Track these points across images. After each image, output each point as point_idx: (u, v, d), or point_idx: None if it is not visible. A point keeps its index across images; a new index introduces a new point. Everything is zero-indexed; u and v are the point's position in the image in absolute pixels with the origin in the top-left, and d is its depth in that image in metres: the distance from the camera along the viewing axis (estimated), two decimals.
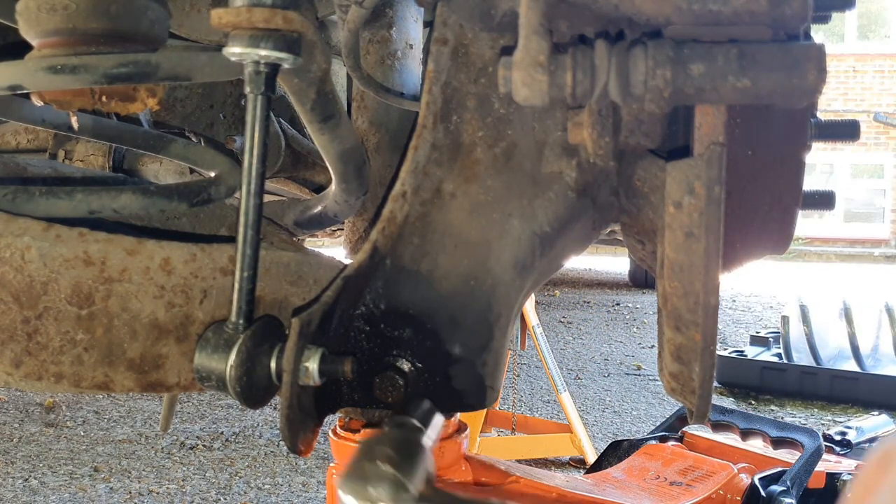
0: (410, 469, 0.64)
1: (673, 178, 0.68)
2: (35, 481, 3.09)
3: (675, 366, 0.78)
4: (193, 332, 0.84)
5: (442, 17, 0.81)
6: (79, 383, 0.82)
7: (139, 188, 1.05)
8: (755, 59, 0.62)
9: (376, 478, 0.62)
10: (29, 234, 0.81)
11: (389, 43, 1.35)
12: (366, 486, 0.62)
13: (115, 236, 0.83)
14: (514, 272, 0.83)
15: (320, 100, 0.86)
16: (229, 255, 0.86)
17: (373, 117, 1.41)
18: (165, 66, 0.82)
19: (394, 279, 0.83)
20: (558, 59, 0.63)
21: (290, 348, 0.70)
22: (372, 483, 0.62)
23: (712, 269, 0.69)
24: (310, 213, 1.28)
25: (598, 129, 0.74)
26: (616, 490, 1.65)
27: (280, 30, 0.70)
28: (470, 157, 0.82)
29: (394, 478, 0.62)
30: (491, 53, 0.81)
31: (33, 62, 0.83)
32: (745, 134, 0.78)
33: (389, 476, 0.62)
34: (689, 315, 0.71)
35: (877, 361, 4.62)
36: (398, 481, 0.62)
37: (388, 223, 0.82)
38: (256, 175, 0.72)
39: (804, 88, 0.62)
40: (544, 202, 0.83)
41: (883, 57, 15.99)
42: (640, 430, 3.84)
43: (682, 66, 0.62)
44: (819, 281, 9.81)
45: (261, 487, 3.09)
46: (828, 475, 1.98)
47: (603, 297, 8.59)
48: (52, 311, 0.81)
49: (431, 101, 0.81)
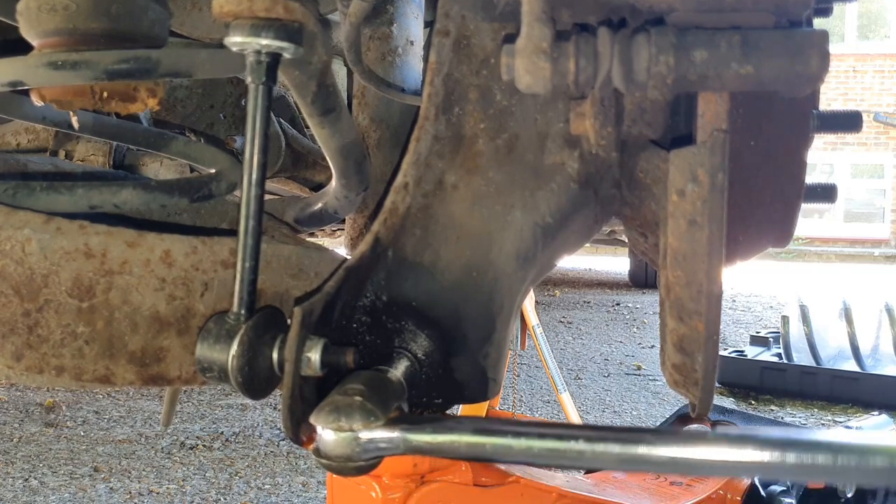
0: (379, 398, 0.69)
1: (676, 165, 0.68)
2: (35, 481, 3.08)
3: (678, 357, 0.78)
4: (194, 324, 0.84)
5: (444, 9, 0.81)
6: (80, 376, 0.82)
7: (140, 183, 1.05)
8: (758, 46, 0.61)
9: (347, 407, 0.67)
10: (29, 226, 0.81)
11: (390, 39, 1.35)
12: (339, 416, 0.67)
13: (116, 229, 0.83)
14: (517, 264, 0.83)
15: (321, 93, 0.85)
16: (230, 247, 0.85)
17: (374, 114, 1.41)
18: (166, 62, 0.82)
19: (396, 271, 0.83)
20: (561, 46, 0.62)
21: (292, 338, 0.70)
22: (344, 412, 0.67)
23: (715, 257, 0.68)
24: (310, 210, 1.28)
25: (601, 119, 0.74)
26: (616, 490, 1.65)
27: (281, 19, 0.70)
28: (472, 148, 0.82)
29: (362, 405, 0.67)
30: (493, 45, 0.81)
31: (34, 58, 0.83)
32: (748, 124, 0.78)
33: (358, 404, 0.67)
34: (692, 304, 0.71)
35: (877, 361, 4.61)
36: (367, 408, 0.67)
37: (391, 214, 0.81)
38: (258, 165, 0.72)
39: (807, 75, 0.62)
40: (546, 193, 0.83)
41: (883, 57, 16.01)
42: None
43: (685, 52, 0.61)
44: (819, 281, 9.81)
45: (261, 487, 3.09)
46: None
47: (603, 297, 8.59)
48: (53, 303, 0.80)
49: (433, 92, 0.81)
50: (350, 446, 0.66)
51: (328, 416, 0.67)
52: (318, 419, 0.67)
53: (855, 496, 2.00)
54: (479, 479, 1.23)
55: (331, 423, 0.66)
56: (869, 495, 2.07)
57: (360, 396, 0.68)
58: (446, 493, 1.18)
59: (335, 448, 0.66)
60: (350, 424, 0.66)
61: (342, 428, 0.66)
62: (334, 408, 0.67)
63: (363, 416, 0.66)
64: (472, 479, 1.22)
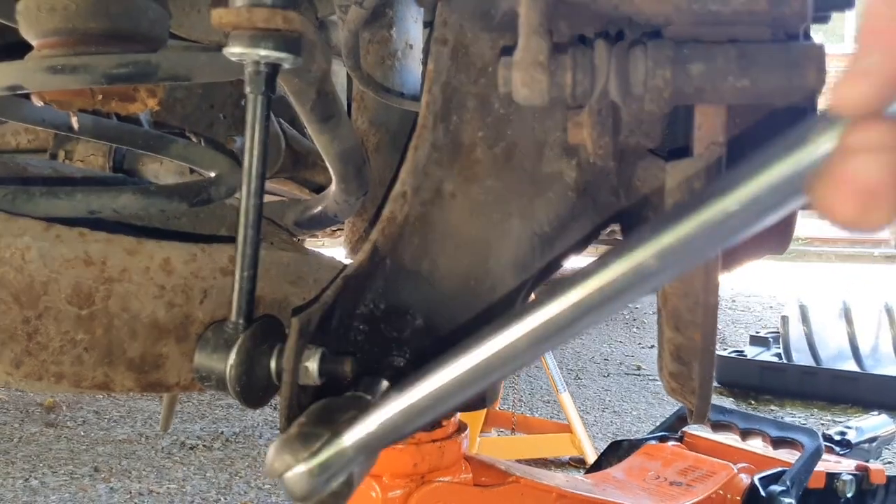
0: (326, 418, 0.61)
1: (673, 177, 0.68)
2: (35, 481, 3.09)
3: (675, 366, 0.79)
4: (193, 331, 0.84)
5: (442, 17, 0.81)
6: (79, 383, 0.83)
7: (139, 188, 1.05)
8: (755, 59, 0.62)
9: (287, 442, 0.59)
10: (29, 234, 0.81)
11: (389, 43, 1.35)
12: (282, 454, 0.59)
13: (116, 236, 0.83)
14: (515, 272, 0.83)
15: (320, 100, 0.86)
16: (229, 255, 0.86)
17: (373, 117, 1.41)
18: (165, 66, 0.82)
19: (394, 279, 0.83)
20: (558, 59, 0.63)
21: (289, 348, 0.70)
22: (286, 448, 0.59)
23: (712, 269, 0.69)
24: (310, 213, 1.28)
25: (598, 129, 0.74)
26: (616, 490, 1.65)
27: (280, 30, 0.70)
28: (470, 157, 0.83)
29: (299, 433, 0.60)
30: (491, 53, 0.81)
31: (33, 62, 0.83)
32: (746, 133, 0.79)
33: (295, 434, 0.60)
34: (689, 315, 0.71)
35: (877, 361, 4.61)
36: (305, 433, 0.59)
37: (389, 223, 0.82)
38: (256, 175, 0.72)
39: (804, 88, 0.62)
40: (544, 202, 0.83)
41: None
42: (640, 430, 3.84)
43: (681, 66, 0.62)
44: (819, 281, 9.81)
45: (261, 487, 3.09)
46: (827, 475, 1.98)
47: None
48: (53, 311, 0.81)
49: (431, 101, 0.81)
50: (308, 478, 0.58)
51: (275, 462, 0.59)
52: (270, 471, 0.60)
53: (855, 496, 2.01)
54: (479, 479, 1.23)
55: (281, 467, 0.59)
56: (868, 495, 2.08)
57: (297, 427, 0.61)
58: (446, 492, 1.18)
59: (295, 487, 0.59)
60: (294, 456, 0.58)
61: (289, 464, 0.58)
62: (278, 450, 0.60)
63: (303, 441, 0.59)
64: (472, 479, 1.22)
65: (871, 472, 2.07)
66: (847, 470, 2.04)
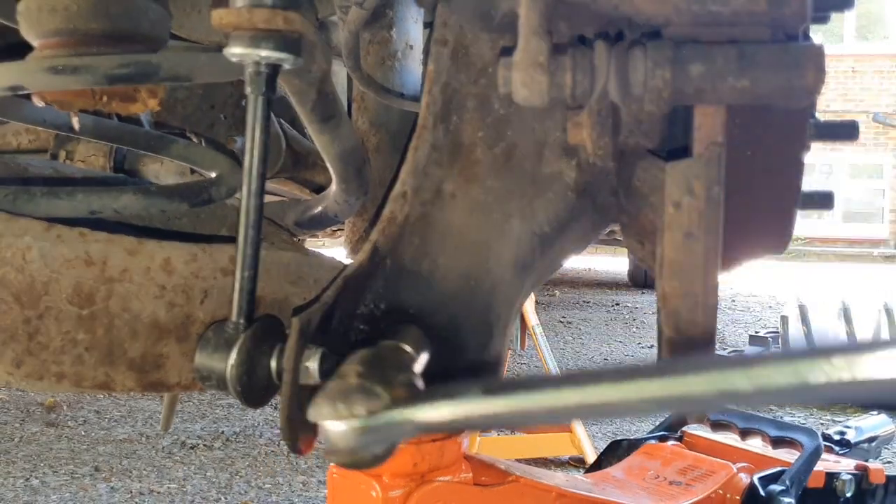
0: (381, 373, 0.61)
1: (672, 178, 0.68)
2: (36, 481, 3.09)
3: None
4: (194, 331, 0.85)
5: (442, 18, 0.81)
6: (80, 383, 0.83)
7: (140, 188, 1.06)
8: (754, 60, 0.62)
9: (343, 393, 0.59)
10: (30, 234, 0.81)
11: (389, 44, 1.35)
12: (335, 403, 0.59)
13: (116, 236, 0.83)
14: (514, 272, 0.84)
15: (321, 100, 0.86)
16: (230, 255, 0.86)
17: (373, 118, 1.41)
18: (166, 66, 0.82)
19: (394, 279, 0.83)
20: (558, 59, 0.63)
21: (290, 348, 0.70)
22: (341, 398, 0.59)
23: (711, 269, 0.69)
24: (310, 214, 1.28)
25: (598, 130, 0.74)
26: (616, 489, 1.65)
27: (281, 30, 0.70)
28: (470, 157, 0.83)
29: (360, 386, 0.59)
30: (491, 54, 0.81)
31: (34, 63, 0.84)
32: (744, 134, 0.79)
33: (355, 386, 0.59)
34: (689, 315, 0.71)
35: None
36: (366, 388, 0.59)
37: (389, 223, 0.82)
38: (257, 175, 0.72)
39: (803, 89, 0.62)
40: (544, 202, 0.83)
41: (882, 57, 15.99)
42: (639, 430, 3.84)
43: (681, 66, 0.62)
44: (818, 281, 9.81)
45: (261, 487, 3.10)
46: (827, 475, 1.98)
47: (602, 297, 8.60)
48: (53, 311, 0.81)
49: (431, 101, 0.82)
50: (356, 435, 0.58)
51: (324, 407, 0.59)
52: (316, 413, 0.60)
53: (854, 496, 2.01)
54: (479, 479, 1.23)
55: (329, 415, 0.59)
56: (868, 495, 2.08)
57: (356, 378, 0.61)
58: (446, 492, 1.18)
59: (340, 441, 0.59)
60: (350, 410, 0.58)
61: (342, 416, 0.58)
62: (330, 397, 0.60)
63: (363, 399, 0.59)
64: (472, 479, 1.22)
65: (871, 472, 2.07)
66: (846, 469, 2.04)
